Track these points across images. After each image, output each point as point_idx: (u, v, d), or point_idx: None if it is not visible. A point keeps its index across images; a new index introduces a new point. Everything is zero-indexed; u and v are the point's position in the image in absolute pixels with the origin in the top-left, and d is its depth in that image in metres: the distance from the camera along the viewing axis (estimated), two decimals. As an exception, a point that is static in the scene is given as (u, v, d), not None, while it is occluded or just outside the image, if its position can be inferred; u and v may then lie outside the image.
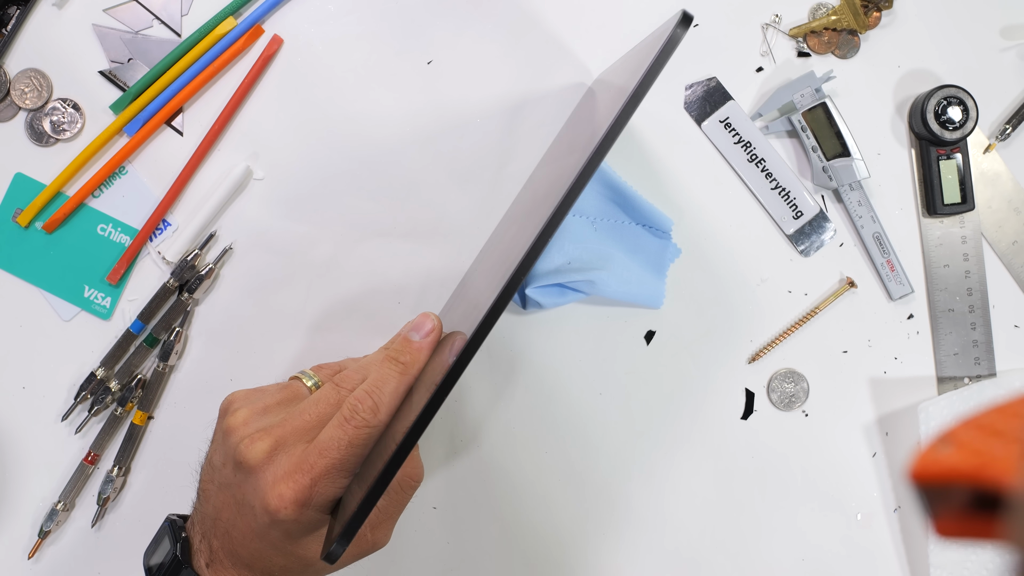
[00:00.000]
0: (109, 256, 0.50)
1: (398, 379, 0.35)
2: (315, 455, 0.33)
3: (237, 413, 0.36)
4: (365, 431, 0.33)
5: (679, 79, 0.52)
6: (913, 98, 0.53)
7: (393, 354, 0.36)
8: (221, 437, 0.36)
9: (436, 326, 0.38)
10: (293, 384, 0.39)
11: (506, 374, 0.52)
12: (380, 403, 0.34)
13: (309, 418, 0.35)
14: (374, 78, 0.51)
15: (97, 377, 0.49)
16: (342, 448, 0.33)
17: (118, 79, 0.50)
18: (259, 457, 0.34)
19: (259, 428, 0.35)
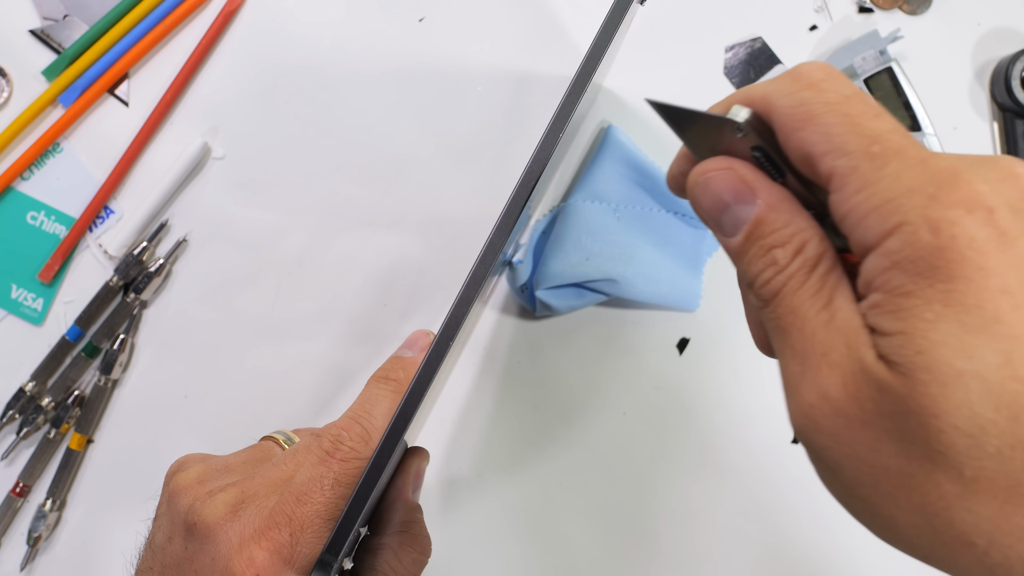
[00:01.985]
0: (41, 250, 0.48)
1: (391, 398, 0.32)
2: (292, 502, 0.28)
3: (188, 471, 0.31)
4: (354, 464, 0.29)
5: (718, 39, 0.50)
6: (996, 62, 0.50)
7: (382, 373, 0.33)
8: (166, 505, 0.31)
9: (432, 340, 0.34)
10: (264, 444, 0.35)
11: (513, 391, 0.49)
12: (371, 428, 0.30)
13: (286, 469, 0.30)
14: (355, 38, 0.49)
15: (27, 393, 0.47)
16: (326, 489, 0.28)
17: (52, 39, 0.48)
18: (219, 513, 0.28)
19: (219, 484, 0.30)
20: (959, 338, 0.17)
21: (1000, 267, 0.17)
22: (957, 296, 0.18)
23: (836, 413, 0.19)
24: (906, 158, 0.19)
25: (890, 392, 0.18)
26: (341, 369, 0.48)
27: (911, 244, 0.18)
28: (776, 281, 0.21)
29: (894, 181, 0.19)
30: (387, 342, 0.48)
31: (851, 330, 0.19)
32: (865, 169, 0.19)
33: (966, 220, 0.18)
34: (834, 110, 0.20)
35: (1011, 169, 0.19)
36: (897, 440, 0.18)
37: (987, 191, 0.18)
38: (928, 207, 0.18)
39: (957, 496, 0.18)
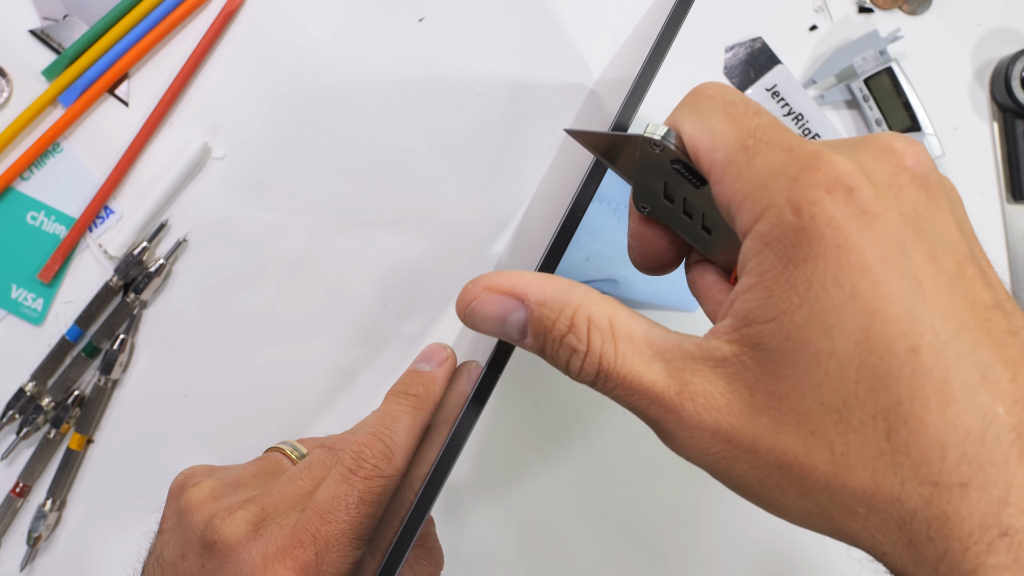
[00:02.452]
0: (41, 250, 0.48)
1: (412, 415, 0.31)
2: (316, 521, 0.28)
3: (201, 486, 0.31)
4: (378, 483, 0.29)
5: (718, 39, 0.50)
6: (996, 62, 0.50)
7: (400, 388, 0.32)
8: (176, 520, 0.30)
9: (450, 354, 0.34)
10: (271, 456, 0.34)
11: (514, 393, 0.49)
12: (393, 445, 0.29)
13: (304, 484, 0.30)
14: (355, 37, 0.49)
15: (27, 393, 0.47)
16: (351, 508, 0.28)
17: (52, 39, 0.48)
18: (242, 532, 0.28)
19: (236, 500, 0.30)
20: (820, 319, 0.18)
21: (858, 244, 0.18)
22: (818, 276, 0.18)
23: (714, 438, 0.20)
24: (776, 147, 0.20)
25: (759, 384, 0.19)
26: (341, 369, 0.48)
27: (777, 225, 0.19)
28: (587, 365, 0.21)
29: (763, 168, 0.20)
30: (387, 342, 0.49)
31: (690, 357, 0.20)
32: (740, 161, 0.20)
33: (824, 200, 0.18)
34: (717, 109, 0.21)
35: (888, 144, 0.20)
36: (774, 433, 0.19)
37: (849, 170, 0.18)
38: (791, 189, 0.19)
39: (832, 475, 0.18)
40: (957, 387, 0.17)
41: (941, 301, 0.18)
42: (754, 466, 0.20)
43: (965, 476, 0.17)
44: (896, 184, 0.19)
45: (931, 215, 0.19)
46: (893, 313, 0.17)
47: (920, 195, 0.19)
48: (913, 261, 0.18)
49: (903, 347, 0.17)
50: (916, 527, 0.18)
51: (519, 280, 0.22)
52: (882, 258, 0.18)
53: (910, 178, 0.19)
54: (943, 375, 0.17)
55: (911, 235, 0.18)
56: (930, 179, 0.19)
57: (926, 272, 0.18)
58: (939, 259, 0.18)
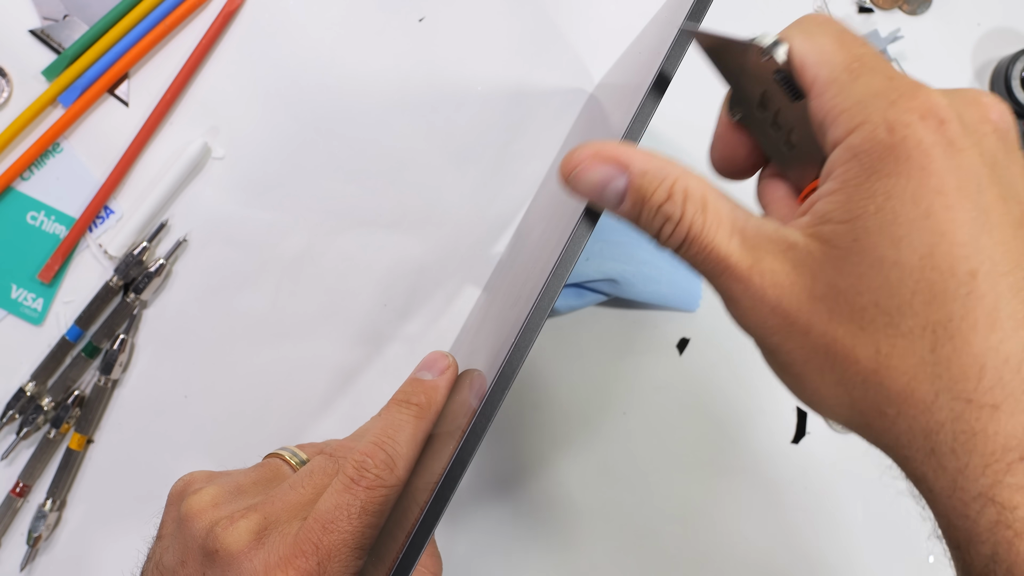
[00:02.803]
0: (41, 250, 0.48)
1: (414, 424, 0.31)
2: (318, 531, 0.28)
3: (202, 493, 0.31)
4: (380, 492, 0.29)
5: None
6: (996, 62, 0.50)
7: (402, 396, 0.32)
8: (177, 527, 0.31)
9: (452, 363, 0.34)
10: (271, 462, 0.34)
11: (513, 391, 0.48)
12: (396, 455, 0.30)
13: (305, 492, 0.30)
14: (355, 38, 0.49)
15: (27, 393, 0.47)
16: (353, 518, 0.28)
17: (52, 39, 0.48)
18: (244, 540, 0.28)
19: (238, 508, 0.30)
20: (892, 228, 0.20)
21: (941, 170, 0.20)
22: (898, 190, 0.20)
23: (773, 312, 0.22)
24: (878, 73, 0.21)
25: (823, 275, 0.21)
26: (341, 369, 0.49)
27: (869, 139, 0.21)
28: (678, 232, 0.23)
29: (865, 88, 0.21)
30: (387, 342, 0.49)
31: (766, 238, 0.22)
32: (843, 79, 0.22)
33: (917, 124, 0.20)
34: (827, 33, 0.23)
35: (977, 97, 0.22)
36: (827, 320, 0.21)
37: (943, 104, 0.20)
38: (888, 110, 0.21)
39: (872, 371, 0.20)
40: (1005, 316, 0.19)
41: (1004, 237, 0.19)
42: (802, 346, 0.21)
43: (998, 398, 0.18)
44: (981, 130, 0.21)
45: (1007, 164, 0.21)
46: (960, 237, 0.19)
47: (1000, 145, 0.21)
48: (986, 197, 0.20)
49: (963, 270, 0.19)
50: (942, 438, 0.19)
51: (624, 150, 0.24)
52: (959, 187, 0.20)
53: (992, 128, 0.21)
54: (995, 302, 0.19)
55: (987, 175, 0.20)
56: (1010, 135, 0.21)
57: (996, 210, 0.20)
58: (1008, 203, 0.20)
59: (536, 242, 0.36)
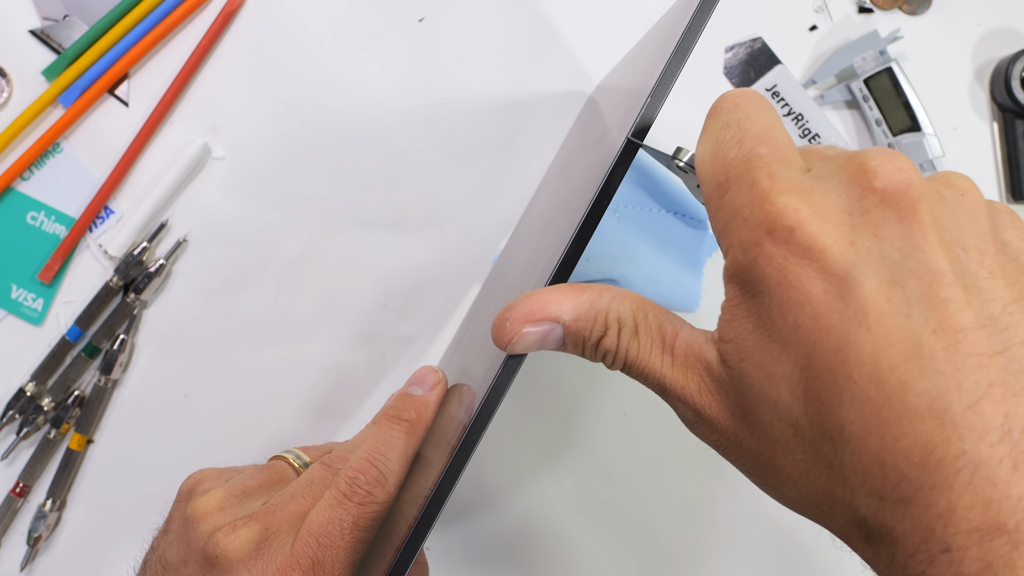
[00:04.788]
0: (41, 250, 0.48)
1: (405, 440, 0.32)
2: (313, 545, 0.29)
3: (209, 495, 0.32)
4: (371, 508, 0.30)
5: (718, 40, 0.50)
6: (996, 62, 0.51)
7: (393, 412, 0.33)
8: (182, 525, 0.31)
9: (441, 378, 0.35)
10: (276, 464, 0.35)
11: (513, 392, 0.48)
12: (387, 471, 0.31)
13: (304, 503, 0.31)
14: (355, 38, 0.49)
15: (27, 393, 0.48)
16: (346, 533, 0.29)
17: (52, 39, 0.48)
18: (243, 549, 0.29)
19: (241, 515, 0.31)
20: (769, 346, 0.20)
21: (799, 280, 0.19)
22: (764, 309, 0.20)
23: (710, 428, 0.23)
24: (743, 185, 0.21)
25: (733, 394, 0.21)
26: (341, 369, 0.49)
27: (734, 263, 0.21)
28: (618, 361, 0.24)
29: (729, 207, 0.21)
30: (387, 342, 0.49)
31: (693, 356, 0.23)
32: (715, 197, 0.22)
33: (765, 242, 0.20)
34: (708, 138, 0.23)
35: (862, 165, 0.20)
36: (749, 435, 0.21)
37: (791, 209, 0.20)
38: (742, 230, 0.21)
39: (797, 476, 0.20)
40: (897, 413, 0.18)
41: (887, 329, 0.18)
42: (739, 457, 0.22)
43: (906, 494, 0.18)
44: (858, 210, 0.20)
45: (899, 236, 0.19)
46: (832, 344, 0.19)
47: (888, 217, 0.19)
48: (862, 290, 0.18)
49: (842, 376, 0.18)
50: (871, 529, 0.19)
51: (551, 304, 0.24)
52: (824, 291, 0.19)
53: (879, 200, 0.19)
54: (884, 402, 0.18)
55: (864, 263, 0.19)
56: (907, 195, 0.19)
57: (875, 301, 0.18)
58: (899, 284, 0.18)
59: (536, 240, 0.37)
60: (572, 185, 0.35)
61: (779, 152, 0.21)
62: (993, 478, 0.17)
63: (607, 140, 0.32)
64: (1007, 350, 0.18)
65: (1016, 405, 0.17)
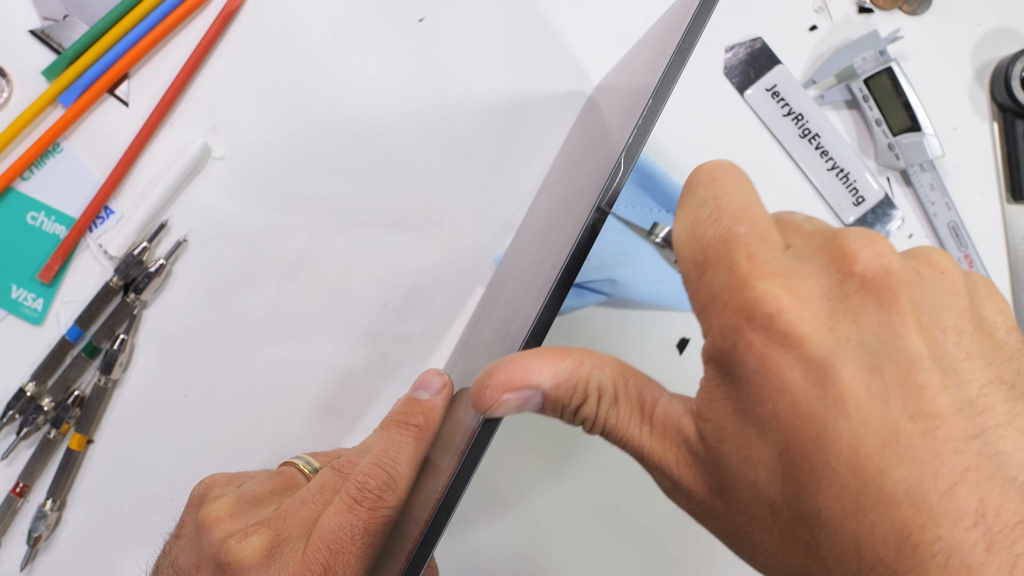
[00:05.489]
0: (41, 250, 0.48)
1: (414, 445, 0.32)
2: (325, 551, 0.29)
3: (221, 501, 0.32)
4: (382, 513, 0.30)
5: (718, 40, 0.50)
6: (996, 62, 0.51)
7: (401, 417, 0.33)
8: (194, 531, 0.31)
9: (447, 382, 0.35)
10: (286, 470, 0.35)
11: None
12: (397, 476, 0.31)
13: (315, 508, 0.31)
14: (355, 38, 0.49)
15: (27, 393, 0.48)
16: (357, 539, 0.29)
17: (52, 39, 0.48)
18: (255, 556, 0.29)
19: (252, 521, 0.31)
20: (748, 430, 0.20)
21: (778, 368, 0.19)
22: (743, 394, 0.20)
23: (687, 498, 0.23)
24: (721, 266, 0.21)
25: (711, 471, 0.21)
26: (341, 369, 0.49)
27: (712, 346, 0.21)
28: (596, 428, 0.24)
29: (708, 288, 0.21)
30: (387, 343, 0.50)
31: (672, 427, 0.23)
32: (694, 277, 0.22)
33: (745, 328, 0.20)
34: (685, 214, 0.23)
35: (841, 249, 0.20)
36: (726, 510, 0.22)
37: (771, 296, 0.20)
38: (721, 315, 0.21)
39: (774, 552, 0.21)
40: (874, 500, 0.18)
41: (866, 417, 0.18)
42: (717, 527, 0.22)
43: None
44: (837, 295, 0.20)
45: (878, 322, 0.19)
46: (810, 431, 0.19)
47: (867, 302, 0.19)
48: (841, 378, 0.19)
49: (820, 462, 0.19)
50: None
51: (531, 372, 0.24)
52: (804, 378, 0.19)
53: (858, 285, 0.20)
54: (861, 488, 0.18)
55: (843, 350, 0.19)
56: (886, 281, 0.19)
57: (853, 388, 0.18)
58: (878, 371, 0.19)
59: (526, 271, 0.37)
60: (575, 188, 0.35)
61: (758, 231, 0.21)
62: (967, 561, 0.17)
63: (608, 143, 0.32)
64: (982, 434, 0.18)
65: (990, 489, 0.18)
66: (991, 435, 0.18)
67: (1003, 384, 0.19)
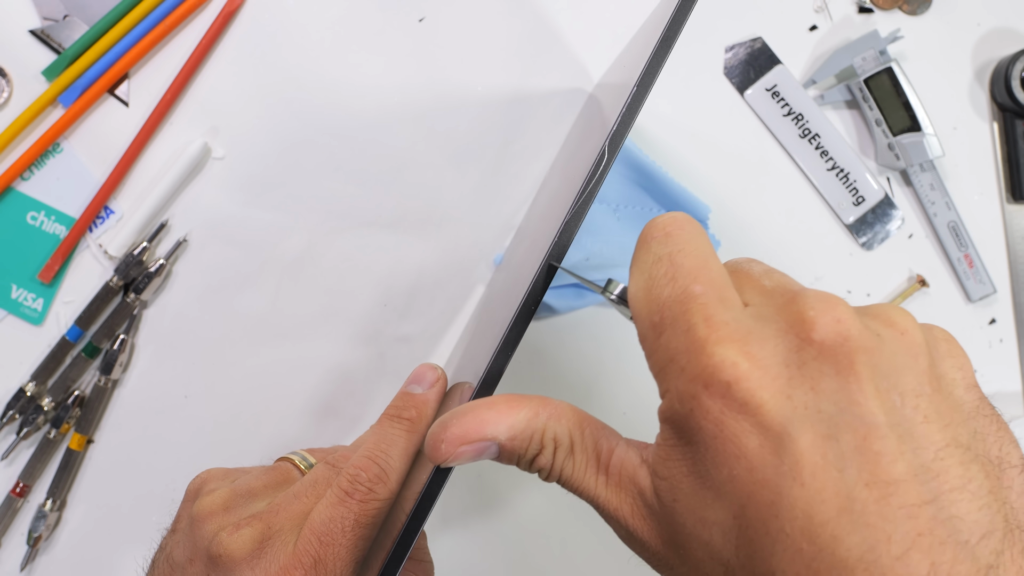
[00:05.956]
0: (41, 250, 0.48)
1: (406, 438, 0.33)
2: (315, 543, 0.29)
3: (214, 495, 0.32)
4: (373, 505, 0.30)
5: (717, 39, 0.50)
6: (996, 62, 0.51)
7: (394, 411, 0.34)
8: (188, 525, 0.32)
9: (440, 376, 0.36)
10: (282, 466, 0.36)
11: (512, 391, 0.49)
12: (388, 469, 0.31)
13: (307, 502, 0.32)
14: (355, 38, 0.49)
15: (27, 393, 0.48)
16: (347, 531, 0.30)
17: (52, 39, 0.48)
18: (246, 548, 0.29)
19: (245, 515, 0.31)
20: (703, 492, 0.20)
21: (735, 434, 0.19)
22: (700, 457, 0.20)
23: (642, 548, 0.23)
24: (677, 328, 0.21)
25: (666, 526, 0.22)
26: (341, 369, 0.49)
27: (669, 408, 0.21)
28: (552, 477, 0.25)
29: (665, 350, 0.21)
30: (388, 342, 0.50)
31: (627, 478, 0.23)
32: (651, 338, 0.22)
33: (702, 395, 0.20)
34: (643, 273, 0.23)
35: (800, 315, 0.20)
36: (680, 563, 0.22)
37: (728, 363, 0.20)
38: (679, 379, 0.21)
39: None
40: (828, 566, 0.18)
41: (821, 484, 0.18)
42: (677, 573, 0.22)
43: None
44: (796, 362, 0.20)
45: (835, 390, 0.19)
46: (766, 497, 0.19)
47: (825, 370, 0.19)
48: (797, 445, 0.19)
49: (775, 528, 0.19)
50: None
51: (487, 424, 0.24)
52: (760, 445, 0.19)
53: (816, 352, 0.20)
54: (815, 554, 0.18)
55: (800, 418, 0.19)
56: (845, 348, 0.19)
57: (809, 456, 0.19)
58: (834, 438, 0.19)
59: (535, 242, 0.37)
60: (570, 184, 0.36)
61: (715, 289, 0.21)
62: None
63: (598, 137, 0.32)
64: (936, 499, 0.18)
65: (942, 553, 0.18)
66: (945, 499, 0.18)
67: (959, 447, 0.19)
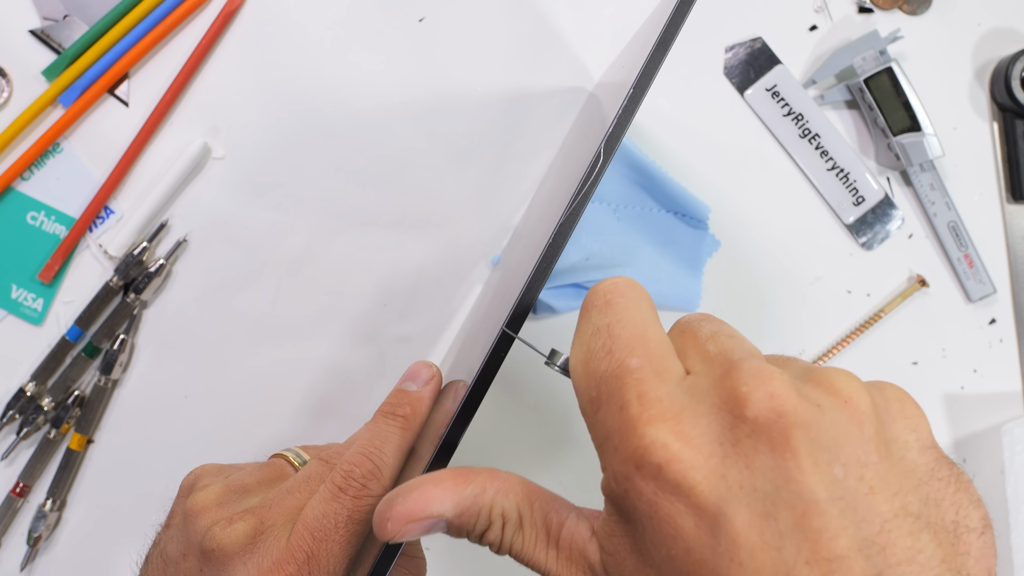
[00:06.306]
0: (41, 250, 0.49)
1: (400, 435, 0.33)
2: (308, 538, 0.30)
3: (208, 490, 0.32)
4: (366, 502, 0.30)
5: (718, 39, 0.50)
6: (996, 62, 0.51)
7: (388, 408, 0.34)
8: (182, 520, 0.32)
9: (435, 373, 0.36)
10: (275, 462, 0.36)
11: (512, 391, 0.50)
12: (382, 465, 0.31)
13: (301, 497, 0.32)
14: (355, 38, 0.49)
15: (27, 393, 0.48)
16: (340, 527, 0.30)
17: (52, 39, 0.49)
18: (239, 543, 0.30)
19: (238, 510, 0.31)
20: (645, 570, 0.20)
21: (670, 515, 0.19)
22: (639, 536, 0.21)
23: None
24: (613, 405, 0.21)
25: None
26: (341, 369, 0.50)
27: (607, 487, 0.21)
28: (502, 551, 0.25)
29: (602, 427, 0.21)
30: (387, 342, 0.50)
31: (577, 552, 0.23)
32: (589, 412, 0.22)
33: (635, 476, 0.20)
34: (583, 345, 0.23)
35: (734, 390, 0.20)
36: None
37: (659, 445, 0.20)
38: (614, 458, 0.21)
39: None
40: None
41: (759, 564, 0.18)
42: None
43: None
44: (730, 440, 0.19)
45: (771, 467, 0.19)
46: None
47: (759, 447, 0.19)
48: (733, 525, 0.19)
49: None
50: None
51: (433, 502, 0.24)
52: (696, 526, 0.19)
53: (749, 430, 0.19)
54: None
55: (735, 497, 0.19)
56: (779, 424, 0.19)
57: (746, 535, 0.18)
58: (772, 516, 0.18)
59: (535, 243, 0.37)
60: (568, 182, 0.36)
61: (651, 362, 0.21)
62: None
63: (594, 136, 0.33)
64: (881, 573, 0.18)
65: None
66: (891, 574, 0.18)
67: (908, 516, 0.19)
